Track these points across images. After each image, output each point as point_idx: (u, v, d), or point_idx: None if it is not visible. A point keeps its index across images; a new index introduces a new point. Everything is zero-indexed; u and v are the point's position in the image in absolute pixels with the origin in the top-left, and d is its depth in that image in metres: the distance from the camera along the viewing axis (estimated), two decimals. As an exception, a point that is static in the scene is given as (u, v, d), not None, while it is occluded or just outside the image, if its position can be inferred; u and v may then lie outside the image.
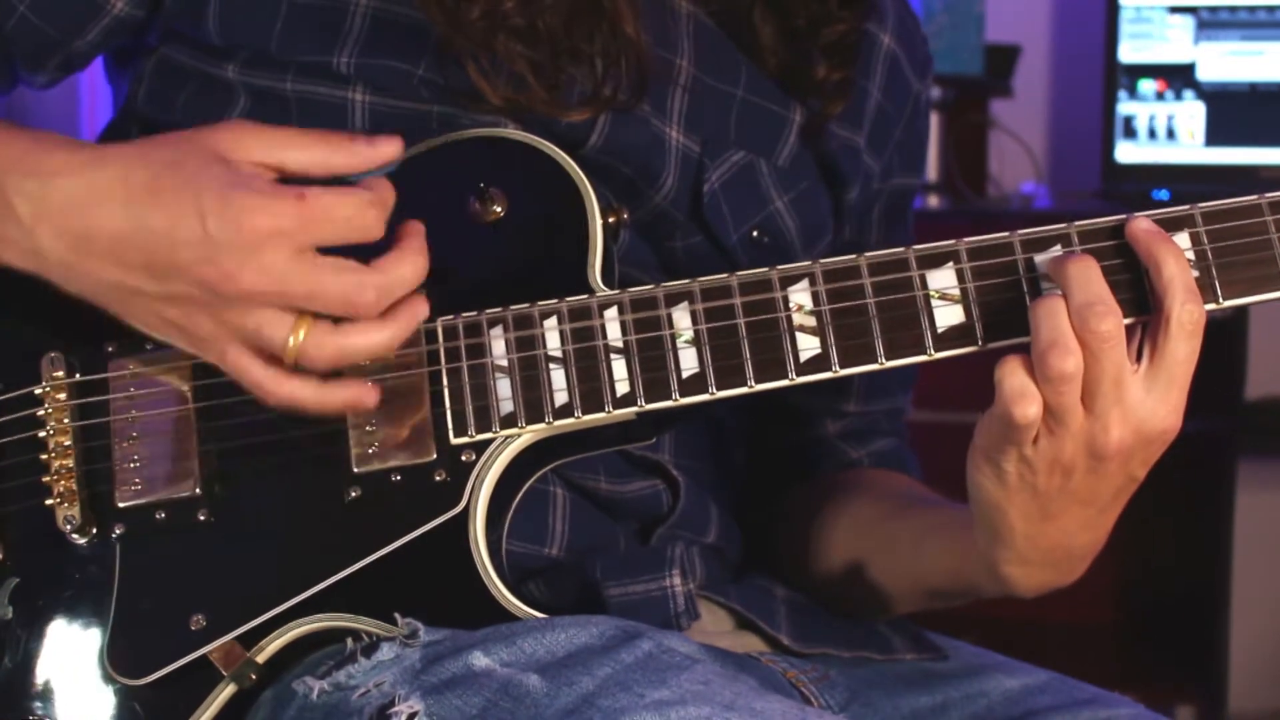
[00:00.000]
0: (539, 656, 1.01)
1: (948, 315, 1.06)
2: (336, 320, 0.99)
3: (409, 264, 1.01)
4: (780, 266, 1.08)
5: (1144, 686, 1.24)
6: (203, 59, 1.20)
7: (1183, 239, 1.05)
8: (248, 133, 1.00)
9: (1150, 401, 1.02)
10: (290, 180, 1.00)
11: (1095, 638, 3.31)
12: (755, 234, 1.25)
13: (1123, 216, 1.06)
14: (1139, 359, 1.03)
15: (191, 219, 0.97)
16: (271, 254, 0.96)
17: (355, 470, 1.09)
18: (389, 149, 1.02)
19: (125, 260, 0.99)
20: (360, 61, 1.16)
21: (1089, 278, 1.01)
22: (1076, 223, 1.07)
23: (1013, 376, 1.02)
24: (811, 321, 1.07)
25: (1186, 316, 1.02)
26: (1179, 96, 3.29)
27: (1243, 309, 3.07)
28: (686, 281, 1.09)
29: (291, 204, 0.97)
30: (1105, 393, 1.02)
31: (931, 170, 3.26)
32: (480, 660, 1.01)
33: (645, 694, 0.95)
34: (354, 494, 1.09)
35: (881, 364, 1.07)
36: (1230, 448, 3.12)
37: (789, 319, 1.07)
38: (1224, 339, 3.06)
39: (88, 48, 1.22)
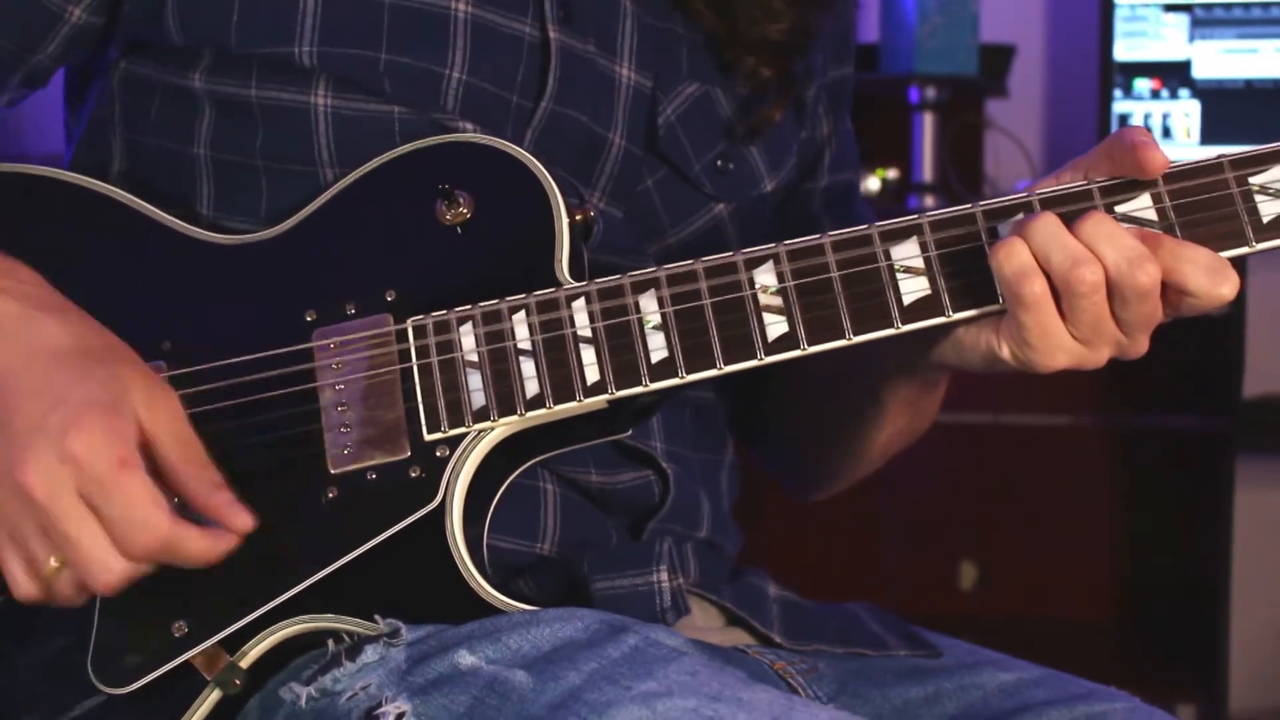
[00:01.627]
0: (525, 652, 1.01)
1: (913, 286, 1.07)
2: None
3: (184, 548, 1.01)
4: (744, 250, 1.09)
5: (1144, 685, 1.24)
6: (167, 69, 1.21)
7: (1144, 199, 1.06)
8: (169, 415, 1.02)
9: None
10: None
11: (1094, 636, 3.31)
12: (719, 163, 1.27)
13: (1085, 184, 1.07)
14: None
15: (46, 401, 0.99)
16: (65, 478, 0.98)
17: (331, 471, 1.09)
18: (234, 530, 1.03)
19: None
20: (322, 50, 1.17)
21: (1056, 233, 1.03)
22: (1038, 191, 1.08)
23: (1016, 254, 1.03)
24: (777, 300, 1.07)
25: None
26: (1174, 95, 3.28)
27: (1240, 306, 3.08)
28: (652, 270, 1.09)
29: (113, 459, 0.98)
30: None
31: (927, 170, 3.26)
32: (466, 658, 1.01)
33: (632, 686, 0.95)
34: (331, 494, 1.09)
35: (849, 339, 1.07)
36: (1229, 446, 3.11)
37: (754, 299, 1.08)
38: (1221, 337, 3.06)
39: (49, 60, 1.23)
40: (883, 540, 3.17)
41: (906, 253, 1.07)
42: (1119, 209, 1.06)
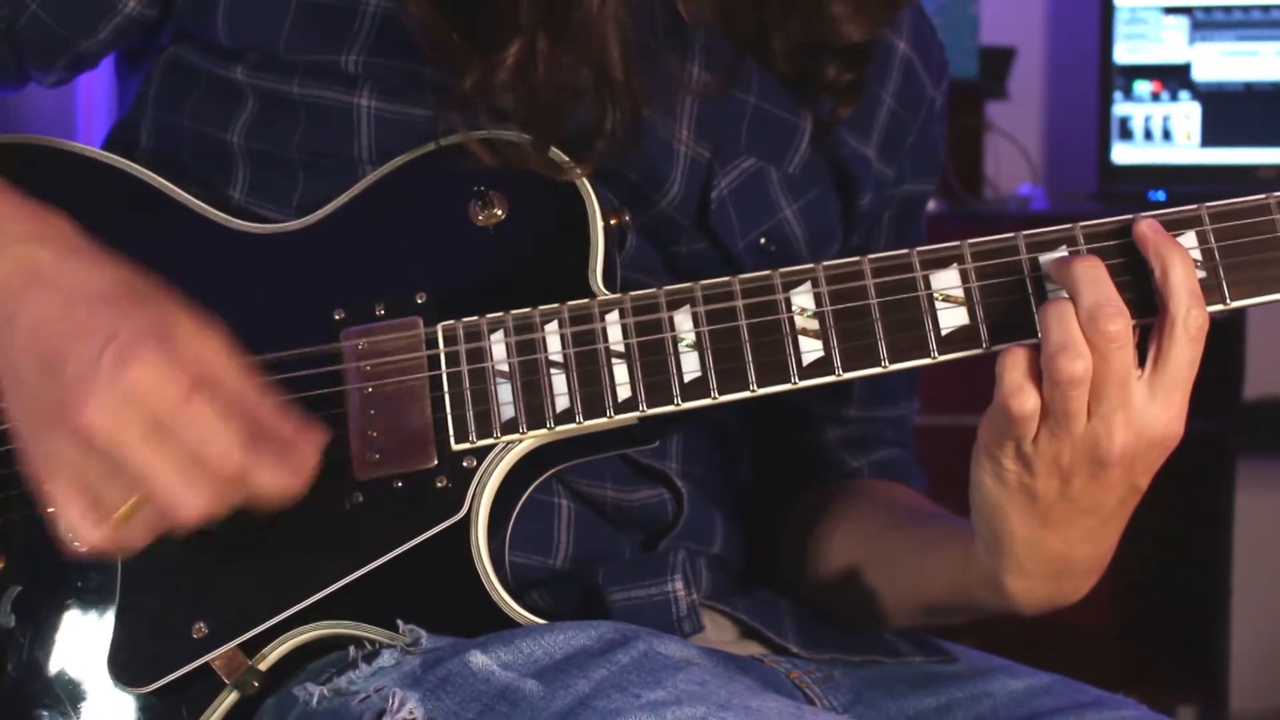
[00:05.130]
0: (536, 658, 1.01)
1: (952, 317, 1.06)
2: None
3: (261, 478, 0.99)
4: (783, 269, 1.08)
5: (1145, 687, 1.24)
6: (212, 60, 1.20)
7: (1189, 239, 1.05)
8: (220, 345, 1.00)
9: (1154, 406, 1.02)
10: None
11: (1096, 638, 3.31)
12: (763, 241, 1.24)
13: (1129, 217, 1.05)
14: (1141, 363, 1.03)
15: (96, 340, 0.97)
16: (131, 414, 0.95)
17: (357, 477, 1.09)
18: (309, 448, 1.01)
19: (31, 345, 0.99)
20: (368, 60, 1.16)
21: (1096, 278, 1.01)
22: (1082, 223, 1.06)
23: (1013, 370, 1.02)
24: (814, 324, 1.07)
25: (1191, 321, 1.01)
26: (1174, 97, 3.29)
27: (1241, 309, 3.08)
28: (688, 285, 1.08)
29: (179, 389, 0.95)
30: (1110, 396, 1.01)
31: (927, 173, 3.26)
32: (478, 658, 1.01)
33: (641, 694, 0.95)
34: (356, 500, 1.09)
35: (885, 367, 1.06)
36: (1230, 447, 3.12)
37: (791, 321, 1.07)
38: (1223, 339, 3.06)
39: (99, 46, 1.23)
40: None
41: (947, 281, 1.06)
42: None
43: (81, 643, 1.10)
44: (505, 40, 1.12)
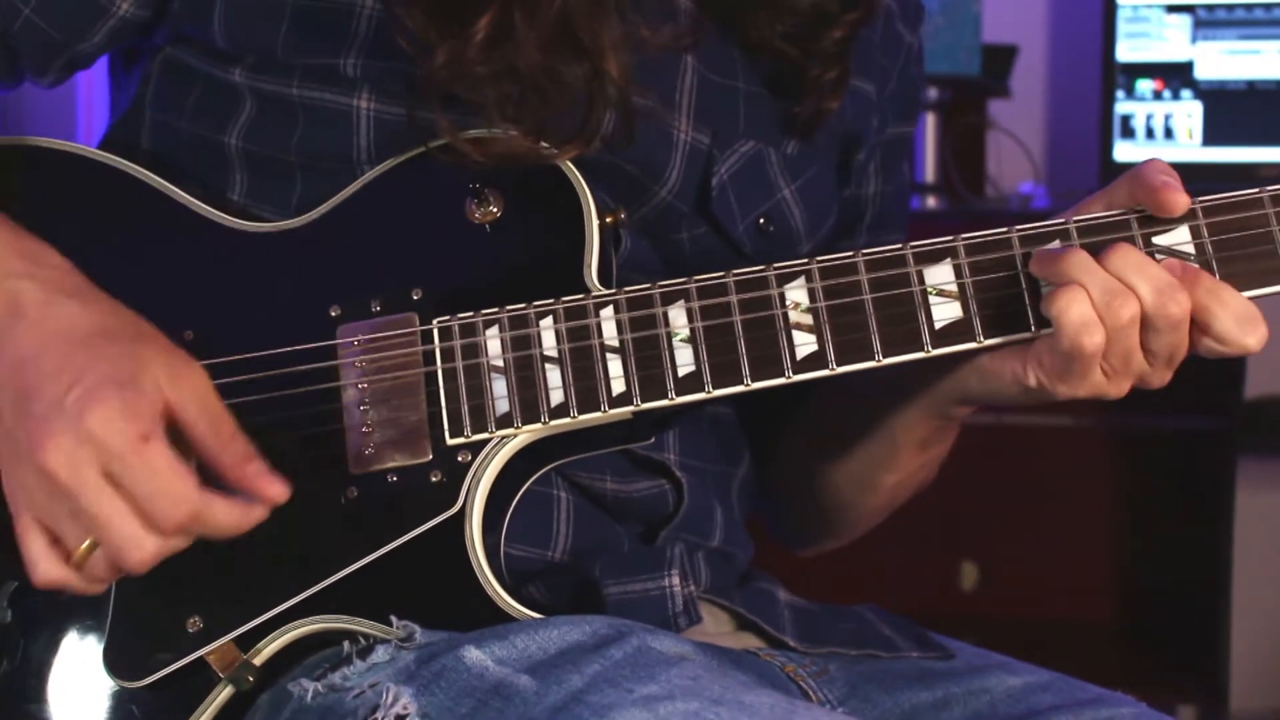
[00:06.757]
0: (531, 653, 1.01)
1: (945, 311, 1.07)
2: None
3: (215, 519, 1.00)
4: (776, 264, 1.09)
5: (1145, 686, 1.24)
6: (210, 62, 1.20)
7: (1183, 232, 1.06)
8: (194, 388, 1.01)
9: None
10: None
11: (1095, 637, 3.31)
12: (761, 222, 1.25)
13: (1121, 212, 1.07)
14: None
15: (63, 382, 0.98)
16: (87, 457, 0.97)
17: (352, 471, 1.09)
18: (267, 500, 1.01)
19: (6, 382, 1.01)
20: (367, 63, 1.16)
21: (1089, 266, 1.03)
22: (1075, 218, 1.07)
23: (1079, 304, 1.04)
24: (808, 319, 1.08)
25: (1171, 310, 1.04)
26: (1176, 96, 3.29)
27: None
28: (682, 280, 1.09)
29: (132, 436, 0.97)
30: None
31: (929, 171, 3.26)
32: (472, 653, 1.01)
33: (634, 689, 0.95)
34: (351, 495, 1.09)
35: (879, 361, 1.07)
36: (1230, 447, 3.11)
37: (785, 316, 1.08)
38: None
39: (93, 49, 1.23)
40: (884, 540, 3.17)
41: (940, 276, 1.07)
42: (1157, 240, 1.07)
43: (77, 637, 1.11)
44: (479, 14, 1.12)
